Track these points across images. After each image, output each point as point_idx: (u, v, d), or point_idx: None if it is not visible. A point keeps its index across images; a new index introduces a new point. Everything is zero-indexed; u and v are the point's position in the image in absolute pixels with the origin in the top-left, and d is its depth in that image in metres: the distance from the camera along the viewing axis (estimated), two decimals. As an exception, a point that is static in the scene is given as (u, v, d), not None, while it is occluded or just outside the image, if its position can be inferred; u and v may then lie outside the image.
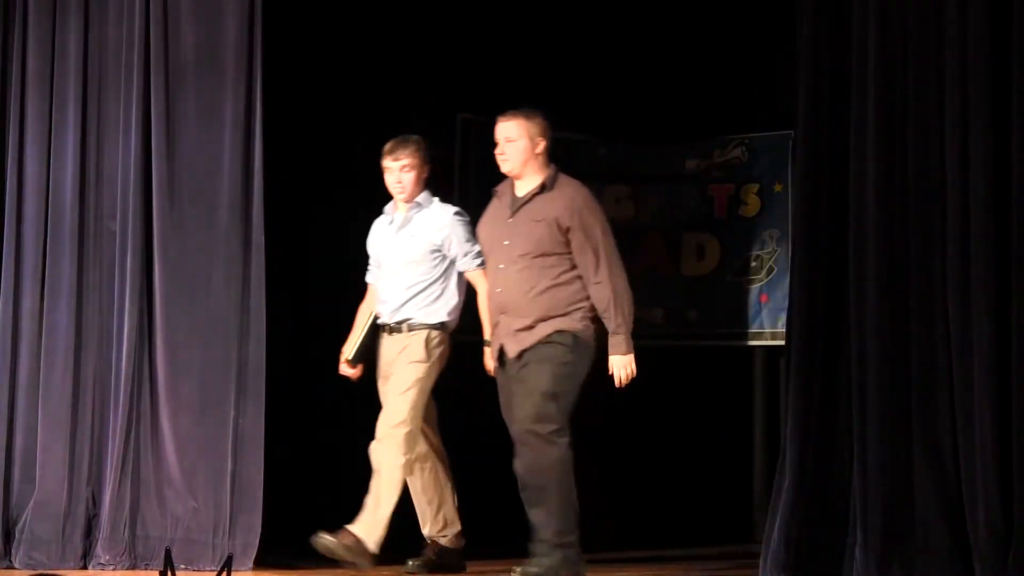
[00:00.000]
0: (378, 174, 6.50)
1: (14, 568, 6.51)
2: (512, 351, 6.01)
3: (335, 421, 7.95)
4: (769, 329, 8.00)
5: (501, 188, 6.19)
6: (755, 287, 8.07)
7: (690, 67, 8.12)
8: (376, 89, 7.88)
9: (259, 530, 6.38)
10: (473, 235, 6.29)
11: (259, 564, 6.25)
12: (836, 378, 5.87)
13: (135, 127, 6.59)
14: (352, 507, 6.83)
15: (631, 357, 6.01)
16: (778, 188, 7.98)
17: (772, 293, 7.97)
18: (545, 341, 5.92)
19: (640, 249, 8.34)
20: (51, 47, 6.78)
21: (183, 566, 6.24)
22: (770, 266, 8.02)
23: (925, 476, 5.61)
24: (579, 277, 5.98)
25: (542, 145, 6.12)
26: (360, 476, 7.95)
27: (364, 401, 8.14)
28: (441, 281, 6.33)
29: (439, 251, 6.31)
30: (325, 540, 6.04)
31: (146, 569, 6.34)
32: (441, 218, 6.32)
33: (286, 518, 6.45)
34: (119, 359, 6.57)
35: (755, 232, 8.07)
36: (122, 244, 6.59)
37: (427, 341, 6.26)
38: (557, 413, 5.91)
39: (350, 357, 6.42)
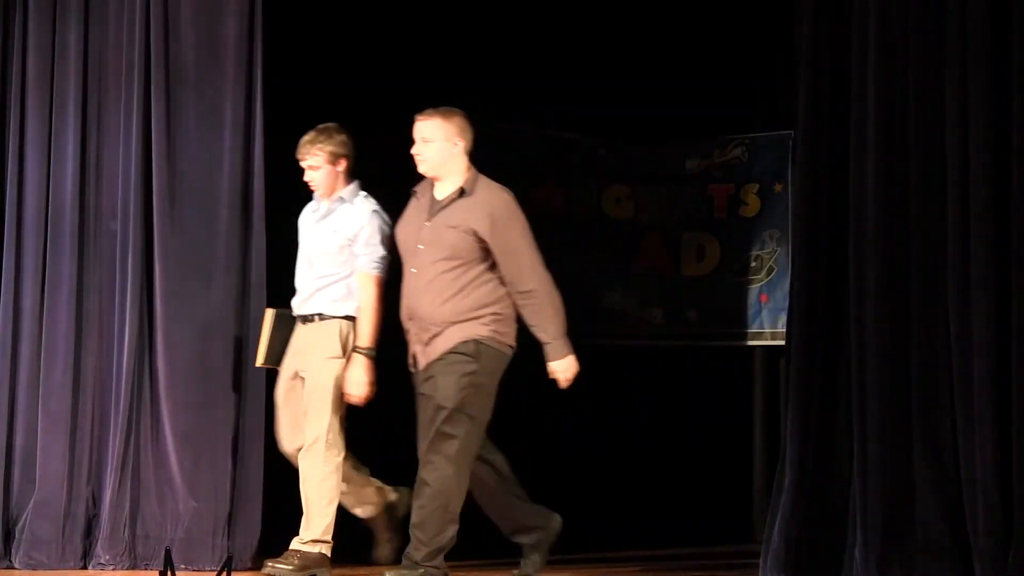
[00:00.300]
0: (378, 174, 6.49)
1: (14, 568, 6.51)
2: (421, 362, 5.83)
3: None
4: (769, 329, 8.00)
5: (420, 188, 5.96)
6: (755, 287, 8.08)
7: (690, 67, 8.12)
8: (376, 89, 7.87)
9: (259, 530, 6.38)
10: (386, 237, 6.05)
11: (259, 564, 6.25)
12: (836, 378, 5.87)
13: (135, 127, 6.59)
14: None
15: (571, 359, 5.86)
16: (778, 188, 7.98)
17: (772, 293, 7.98)
18: (451, 351, 5.72)
19: (640, 249, 8.35)
20: (51, 47, 6.77)
21: (183, 566, 6.24)
22: (770, 266, 8.02)
23: (925, 476, 5.61)
24: (491, 281, 5.78)
25: (461, 146, 5.86)
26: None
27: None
28: (353, 276, 6.09)
29: (353, 247, 6.09)
30: (280, 569, 5.93)
31: (146, 569, 6.33)
32: (359, 213, 6.09)
33: (286, 518, 6.44)
34: (119, 359, 6.56)
35: (755, 232, 8.07)
36: (122, 244, 6.59)
37: (340, 333, 6.03)
38: (465, 423, 5.72)
39: (260, 363, 6.19)
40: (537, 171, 8.39)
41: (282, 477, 6.63)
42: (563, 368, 5.86)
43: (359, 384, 6.00)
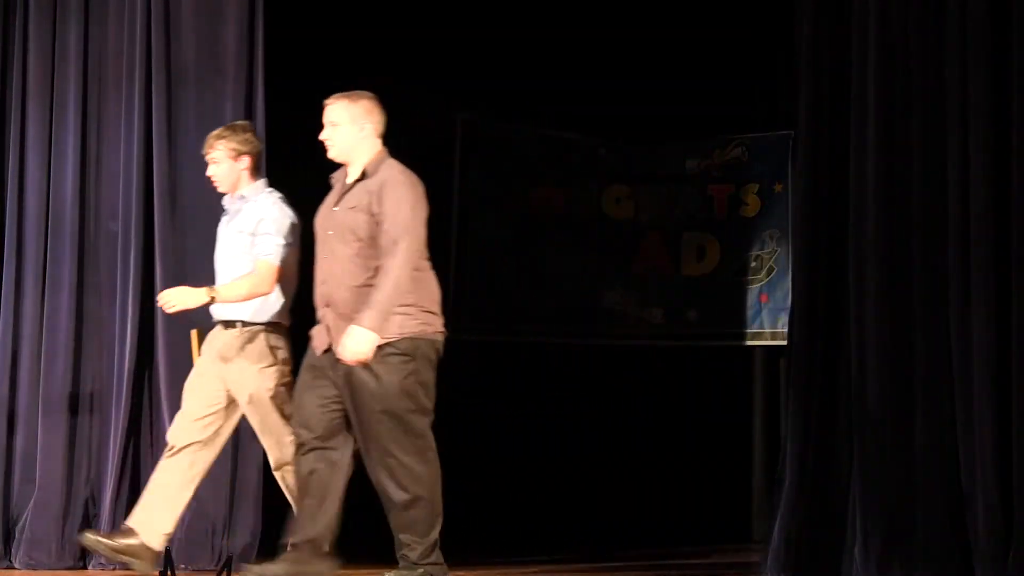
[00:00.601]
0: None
1: (14, 568, 6.51)
2: (325, 346, 5.49)
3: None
4: (769, 329, 8.01)
5: (336, 175, 5.73)
6: (755, 287, 8.08)
7: (690, 67, 8.13)
8: (376, 89, 7.87)
9: (259, 530, 6.38)
10: (286, 228, 5.84)
11: (259, 564, 6.24)
12: (836, 378, 5.87)
13: (136, 128, 6.59)
14: (352, 506, 6.79)
15: (370, 337, 5.29)
16: (778, 188, 7.99)
17: (772, 293, 7.99)
18: (386, 347, 5.35)
19: (640, 249, 8.36)
20: (51, 48, 6.77)
21: (183, 566, 6.24)
22: (770, 266, 8.03)
23: (925, 476, 5.61)
24: (413, 269, 5.45)
25: (368, 128, 5.60)
26: (359, 475, 7.95)
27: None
28: None
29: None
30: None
31: (146, 569, 6.33)
32: (259, 208, 5.89)
33: (286, 518, 6.44)
34: (119, 359, 6.57)
35: (755, 232, 8.08)
36: (123, 244, 6.59)
37: (267, 341, 5.78)
38: (422, 422, 5.43)
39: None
40: (537, 171, 8.40)
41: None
42: (354, 339, 5.30)
43: (179, 298, 5.71)
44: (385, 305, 5.32)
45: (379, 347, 5.33)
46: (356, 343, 5.28)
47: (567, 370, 8.35)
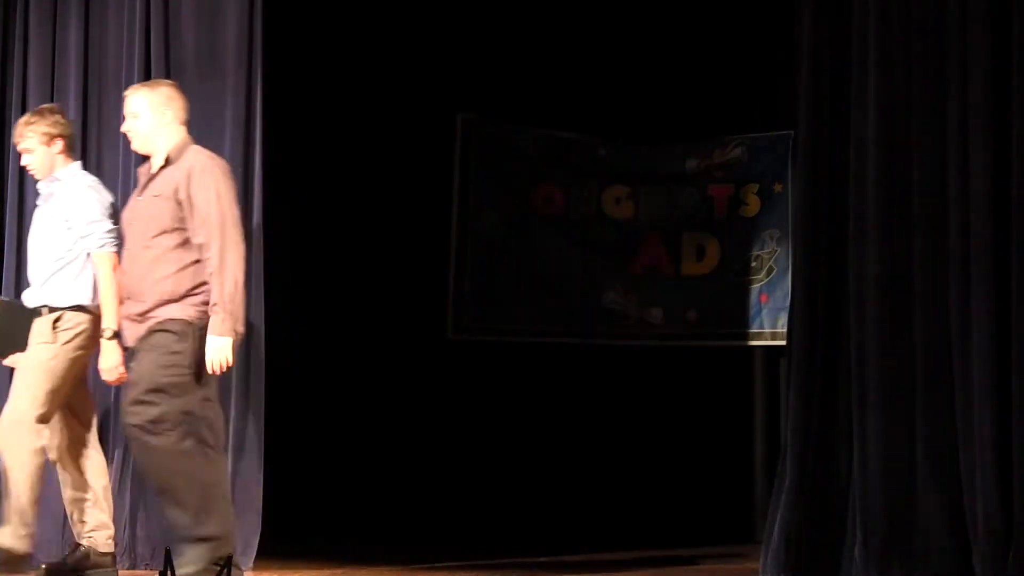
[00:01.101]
0: (378, 174, 6.49)
1: (15, 568, 6.50)
2: (128, 340, 5.51)
3: (335, 421, 7.96)
4: (769, 329, 8.01)
5: (142, 169, 5.66)
6: (755, 287, 8.08)
7: (690, 67, 8.13)
8: (376, 89, 7.88)
9: (259, 530, 6.37)
10: (108, 210, 5.83)
11: (259, 564, 6.25)
12: (836, 378, 5.87)
13: (135, 128, 6.58)
14: (352, 506, 6.84)
15: (227, 342, 5.31)
16: (778, 188, 7.99)
17: (772, 293, 7.98)
18: (156, 329, 5.36)
19: (640, 249, 8.35)
20: (51, 47, 6.77)
21: (183, 566, 6.23)
22: (770, 266, 8.03)
23: (925, 476, 5.60)
24: (199, 256, 5.40)
25: (169, 116, 5.53)
26: (359, 476, 7.97)
27: (364, 401, 8.16)
28: (79, 260, 5.83)
29: (72, 228, 5.83)
30: None
31: (146, 569, 6.33)
32: (73, 192, 5.83)
33: (286, 518, 6.45)
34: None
35: (755, 232, 8.08)
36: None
37: (55, 322, 5.78)
38: (164, 406, 5.32)
39: None
40: (537, 171, 8.40)
41: (282, 477, 6.64)
42: (213, 348, 5.32)
43: (112, 370, 5.73)
44: (230, 306, 5.29)
45: (154, 329, 5.33)
46: (215, 354, 5.30)
47: (567, 370, 8.35)
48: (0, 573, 5.67)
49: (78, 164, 5.98)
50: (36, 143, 5.90)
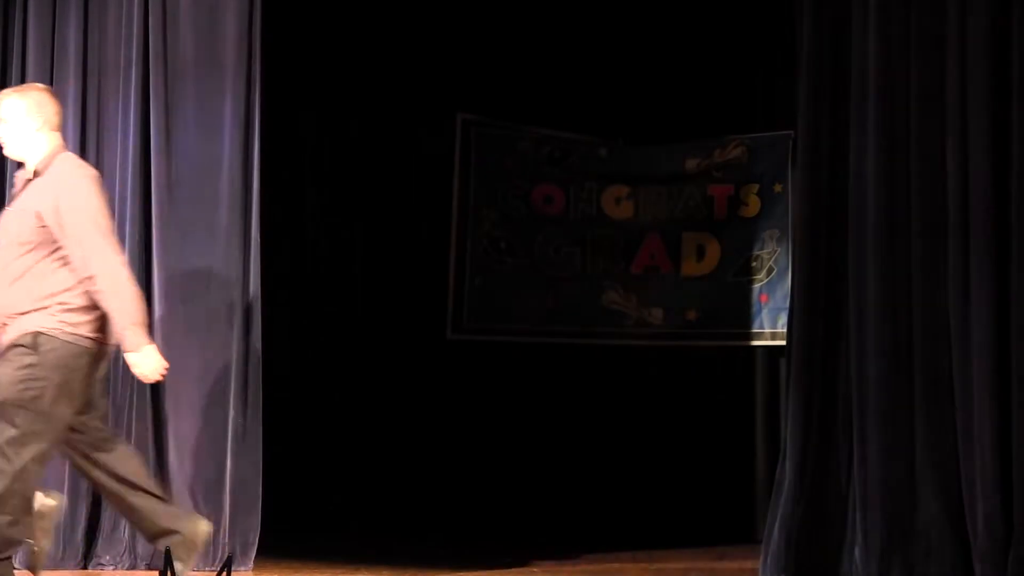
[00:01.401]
0: (377, 174, 6.49)
1: (15, 568, 6.49)
2: None
3: (334, 421, 7.96)
4: (769, 329, 8.00)
5: (19, 174, 5.54)
6: (755, 287, 8.08)
7: (690, 67, 8.13)
8: (376, 89, 7.88)
9: (259, 530, 6.37)
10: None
11: (259, 564, 6.25)
12: (836, 378, 5.87)
13: (134, 126, 6.58)
14: (352, 506, 6.82)
15: (149, 349, 5.31)
16: (778, 188, 7.98)
17: (772, 293, 7.98)
18: (13, 343, 5.27)
19: (640, 249, 8.35)
20: (51, 46, 6.76)
21: (183, 566, 6.23)
22: (770, 266, 8.02)
23: (925, 476, 5.61)
24: (65, 268, 5.29)
25: (40, 122, 5.39)
26: (359, 475, 7.97)
27: (363, 401, 8.16)
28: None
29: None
30: None
31: (146, 569, 6.33)
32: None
33: (286, 518, 6.45)
34: (119, 359, 6.55)
35: (755, 232, 8.07)
36: (120, 239, 6.57)
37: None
38: (19, 422, 5.22)
39: None
40: (537, 171, 8.39)
41: (282, 477, 6.65)
42: (136, 360, 5.31)
43: None
44: (126, 319, 5.24)
45: (11, 343, 5.24)
46: (142, 368, 5.31)
47: (567, 370, 8.35)
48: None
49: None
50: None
